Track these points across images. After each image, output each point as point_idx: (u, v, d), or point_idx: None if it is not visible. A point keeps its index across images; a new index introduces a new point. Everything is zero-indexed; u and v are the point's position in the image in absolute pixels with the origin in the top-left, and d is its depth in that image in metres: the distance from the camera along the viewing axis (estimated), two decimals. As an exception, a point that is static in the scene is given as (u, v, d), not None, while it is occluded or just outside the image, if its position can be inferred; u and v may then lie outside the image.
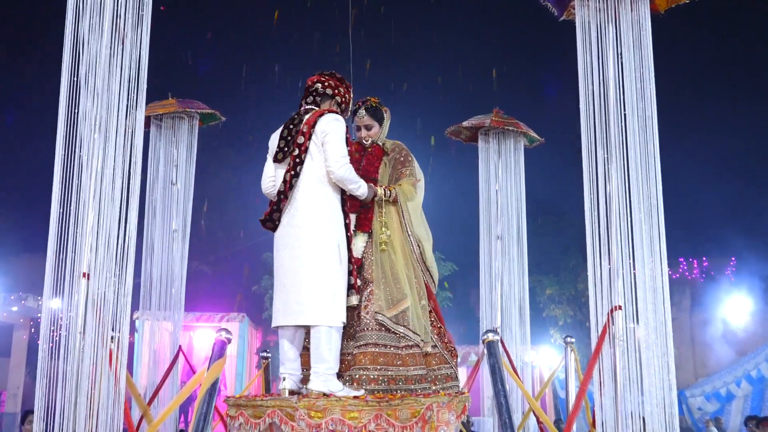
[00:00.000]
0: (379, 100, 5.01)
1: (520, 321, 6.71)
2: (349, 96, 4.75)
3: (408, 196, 4.80)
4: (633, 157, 4.34)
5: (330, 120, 4.42)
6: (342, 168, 4.35)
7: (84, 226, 3.91)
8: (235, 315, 18.76)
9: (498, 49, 28.27)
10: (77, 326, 3.83)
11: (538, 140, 7.12)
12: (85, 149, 3.97)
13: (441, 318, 4.77)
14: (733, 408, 18.00)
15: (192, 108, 6.62)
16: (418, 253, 4.78)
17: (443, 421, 3.90)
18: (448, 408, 3.96)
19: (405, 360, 4.40)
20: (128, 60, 4.12)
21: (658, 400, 4.11)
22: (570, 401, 6.62)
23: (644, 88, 4.46)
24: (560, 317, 24.43)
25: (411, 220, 4.77)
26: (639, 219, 4.30)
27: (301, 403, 3.88)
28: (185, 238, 6.49)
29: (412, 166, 4.92)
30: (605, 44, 4.46)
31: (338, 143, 4.36)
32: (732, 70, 28.10)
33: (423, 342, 4.52)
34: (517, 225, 6.86)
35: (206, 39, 28.09)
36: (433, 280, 4.87)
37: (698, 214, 25.27)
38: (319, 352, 4.22)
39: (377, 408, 3.81)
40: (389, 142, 5.04)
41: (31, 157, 22.03)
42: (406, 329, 4.46)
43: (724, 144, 26.98)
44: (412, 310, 4.53)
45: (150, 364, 6.42)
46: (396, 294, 4.53)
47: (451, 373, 4.61)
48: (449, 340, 4.74)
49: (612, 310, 4.20)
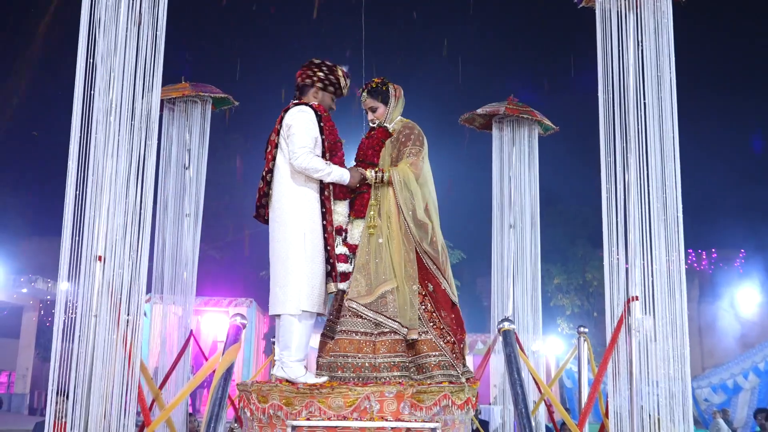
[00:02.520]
0: (383, 78, 4.82)
1: (532, 310, 6.67)
2: (336, 74, 4.68)
3: (403, 176, 4.54)
4: (652, 147, 4.30)
5: (294, 113, 4.51)
6: (299, 158, 4.40)
7: (99, 210, 3.90)
8: (243, 300, 18.82)
9: (514, 37, 28.12)
10: (91, 309, 3.83)
11: (553, 128, 7.06)
12: (100, 132, 3.95)
13: (441, 303, 4.45)
14: (740, 400, 17.98)
15: (205, 92, 6.57)
16: (417, 235, 4.48)
17: (389, 412, 3.86)
18: (399, 398, 3.87)
19: (377, 347, 4.28)
20: (144, 43, 4.10)
21: (673, 391, 4.09)
22: (583, 391, 6.61)
23: (664, 78, 4.41)
24: (567, 307, 24.43)
25: (407, 201, 4.51)
26: (657, 209, 4.26)
27: (253, 387, 4.08)
28: (197, 222, 6.47)
29: (415, 146, 4.63)
30: (626, 32, 4.41)
31: (298, 135, 4.43)
32: (755, 66, 27.88)
33: (407, 328, 4.32)
34: (531, 213, 6.80)
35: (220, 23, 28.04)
36: (436, 265, 4.52)
37: (708, 206, 25.17)
38: (284, 340, 4.38)
39: (309, 396, 3.92)
40: (402, 122, 4.80)
41: (43, 141, 22.08)
42: (378, 314, 4.30)
43: (739, 138, 26.83)
44: (398, 295, 4.36)
45: (159, 348, 6.43)
46: (376, 279, 4.39)
47: (443, 361, 4.31)
48: (449, 326, 4.42)
49: (628, 301, 4.17)
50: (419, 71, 27.35)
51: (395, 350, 4.28)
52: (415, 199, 4.53)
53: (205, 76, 7.76)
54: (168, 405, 4.57)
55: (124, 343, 3.86)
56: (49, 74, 22.53)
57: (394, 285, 4.37)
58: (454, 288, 4.59)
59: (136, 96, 4.08)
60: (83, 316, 3.83)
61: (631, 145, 4.31)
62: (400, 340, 4.31)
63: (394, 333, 4.30)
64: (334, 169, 4.48)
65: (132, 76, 4.07)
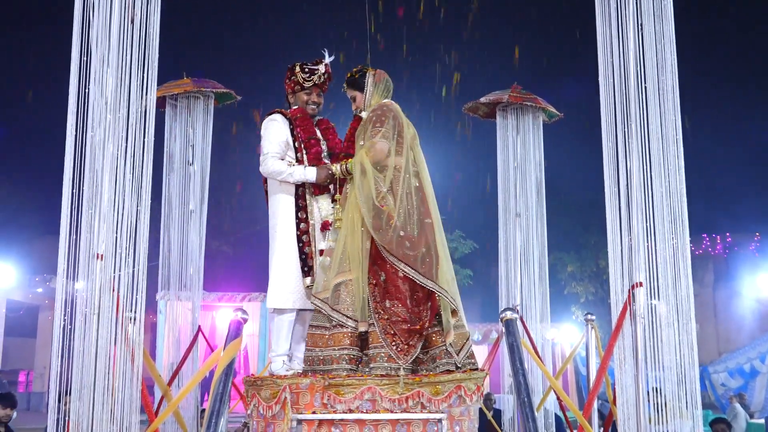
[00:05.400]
0: (362, 66, 4.78)
1: (541, 298, 6.64)
2: (294, 72, 4.85)
3: (357, 164, 4.45)
4: (654, 132, 4.25)
5: (263, 123, 4.80)
6: (262, 165, 4.66)
7: (99, 208, 3.90)
8: (256, 295, 18.84)
9: (517, 24, 27.96)
10: (93, 307, 3.83)
11: (558, 115, 7.00)
12: (97, 130, 3.95)
13: (390, 293, 4.27)
14: (757, 384, 17.84)
15: (207, 87, 6.56)
16: (370, 223, 4.30)
17: (303, 404, 3.95)
18: (311, 390, 3.94)
19: (327, 341, 4.29)
20: (138, 39, 4.09)
21: (679, 376, 4.05)
22: (591, 378, 6.58)
23: (665, 61, 4.35)
24: (581, 294, 24.37)
25: (360, 189, 4.39)
26: (660, 194, 4.21)
27: (259, 382, 4.24)
28: (202, 218, 6.48)
29: (375, 127, 4.47)
30: (625, 16, 4.35)
31: (263, 143, 4.71)
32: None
33: (355, 320, 4.27)
34: (537, 201, 6.76)
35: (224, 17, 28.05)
36: (388, 251, 4.26)
37: (721, 190, 24.99)
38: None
39: (253, 387, 4.22)
40: (373, 107, 4.67)
41: (53, 138, 22.16)
42: (325, 304, 4.29)
43: (752, 122, 26.58)
44: (352, 287, 4.29)
45: (172, 344, 6.45)
46: (332, 272, 4.36)
47: (381, 353, 4.18)
48: (397, 317, 4.22)
49: (633, 286, 4.14)
50: (424, 62, 27.26)
51: (348, 343, 4.26)
52: (364, 188, 4.39)
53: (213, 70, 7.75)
54: (172, 401, 4.58)
55: (126, 341, 3.86)
56: (56, 69, 22.62)
57: (348, 277, 4.32)
58: (433, 277, 4.27)
59: (132, 93, 4.06)
60: (85, 315, 3.84)
61: (632, 129, 4.26)
62: (348, 332, 4.27)
63: (341, 326, 4.28)
64: (296, 170, 4.62)
65: (128, 73, 4.06)
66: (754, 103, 26.50)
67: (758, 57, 27.76)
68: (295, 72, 4.84)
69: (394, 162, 4.47)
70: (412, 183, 4.49)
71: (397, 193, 4.41)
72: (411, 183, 4.49)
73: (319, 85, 4.87)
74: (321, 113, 5.05)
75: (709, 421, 8.35)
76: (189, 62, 13.83)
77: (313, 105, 4.87)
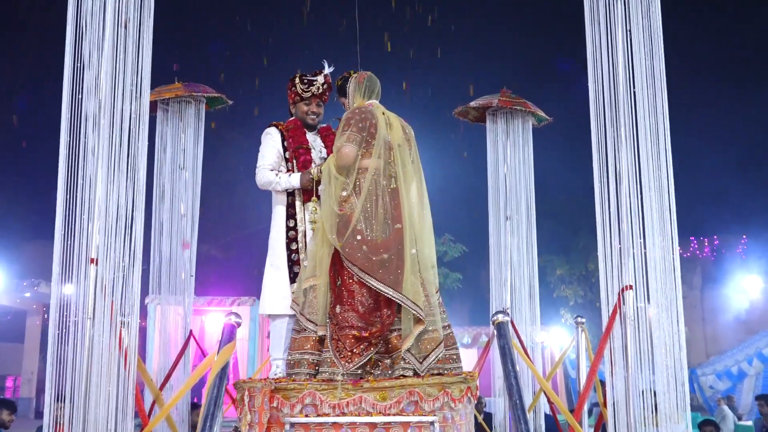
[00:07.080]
0: (350, 72, 4.80)
1: (530, 301, 6.67)
2: (293, 83, 4.94)
3: (325, 169, 4.48)
4: (643, 135, 4.29)
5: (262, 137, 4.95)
6: (256, 177, 4.82)
7: (91, 212, 3.90)
8: (246, 299, 18.80)
9: (507, 29, 28.07)
10: (86, 312, 3.83)
11: (546, 119, 7.05)
12: (90, 135, 3.95)
13: (342, 299, 4.27)
14: (745, 386, 17.96)
15: (198, 92, 6.55)
16: (328, 228, 4.32)
17: (257, 406, 4.02)
18: (262, 393, 4.00)
19: (297, 345, 4.36)
20: (131, 44, 4.10)
21: (669, 378, 4.09)
22: (581, 381, 6.61)
23: (654, 65, 4.40)
24: (571, 297, 24.46)
25: (324, 193, 4.45)
26: (649, 197, 4.25)
27: (250, 385, 4.19)
28: (194, 222, 6.47)
29: (344, 132, 4.43)
30: (614, 20, 4.39)
31: (259, 155, 4.86)
32: (754, 53, 27.79)
33: (315, 324, 4.32)
34: (526, 205, 6.80)
35: (216, 22, 28.02)
36: (344, 256, 4.27)
37: (709, 193, 25.13)
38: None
39: (240, 387, 4.19)
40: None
41: (43, 143, 22.06)
42: (297, 308, 4.41)
43: (738, 126, 26.76)
44: (316, 292, 4.34)
45: (161, 349, 6.43)
46: (302, 278, 4.48)
47: (327, 357, 4.22)
48: (345, 322, 4.23)
49: (623, 289, 4.17)
50: (415, 65, 27.31)
51: (310, 348, 4.32)
52: (326, 193, 4.42)
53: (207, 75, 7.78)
54: (164, 407, 4.58)
55: (119, 345, 3.87)
56: (46, 75, 22.51)
57: (314, 282, 4.36)
58: (392, 283, 4.21)
59: (125, 98, 4.07)
60: (77, 319, 3.83)
61: (621, 133, 4.30)
62: (310, 337, 4.34)
63: (305, 330, 4.35)
64: (282, 178, 4.75)
65: (120, 79, 4.06)
66: (741, 106, 26.69)
67: (744, 60, 27.97)
68: (294, 83, 4.94)
69: (358, 164, 4.41)
70: (384, 185, 4.40)
71: (360, 195, 4.35)
72: (382, 186, 4.39)
73: (318, 96, 4.95)
74: (327, 122, 5.15)
75: (698, 423, 8.40)
76: (180, 66, 13.80)
77: (312, 115, 4.97)
